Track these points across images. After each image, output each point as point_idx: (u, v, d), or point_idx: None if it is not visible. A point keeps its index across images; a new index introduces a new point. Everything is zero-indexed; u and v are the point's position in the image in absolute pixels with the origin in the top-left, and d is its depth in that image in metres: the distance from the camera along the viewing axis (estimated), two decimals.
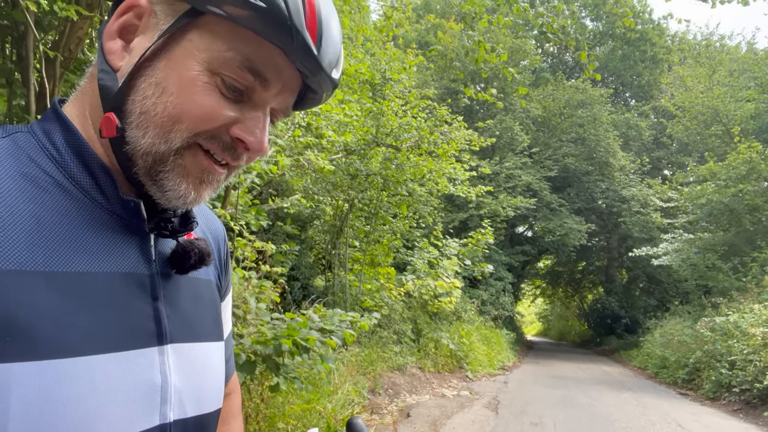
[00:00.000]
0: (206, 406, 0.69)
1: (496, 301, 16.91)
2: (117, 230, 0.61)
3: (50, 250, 0.54)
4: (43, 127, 0.62)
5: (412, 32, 20.88)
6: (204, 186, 0.63)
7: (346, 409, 5.59)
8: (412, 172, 9.00)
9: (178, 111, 0.59)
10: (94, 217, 0.60)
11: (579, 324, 30.36)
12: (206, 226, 0.81)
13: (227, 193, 4.55)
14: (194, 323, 0.69)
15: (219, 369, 0.74)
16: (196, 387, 0.67)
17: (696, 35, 27.99)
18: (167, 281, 0.66)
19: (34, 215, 0.55)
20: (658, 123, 25.57)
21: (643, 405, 8.42)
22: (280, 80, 0.62)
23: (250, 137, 0.62)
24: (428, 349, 9.90)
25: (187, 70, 0.59)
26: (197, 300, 0.72)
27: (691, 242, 15.35)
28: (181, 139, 0.59)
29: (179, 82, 0.59)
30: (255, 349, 3.33)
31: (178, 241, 0.68)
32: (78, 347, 0.53)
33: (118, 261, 0.60)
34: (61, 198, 0.58)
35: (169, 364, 0.63)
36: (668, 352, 12.74)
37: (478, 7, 5.70)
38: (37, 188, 0.56)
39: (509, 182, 19.22)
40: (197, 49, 0.59)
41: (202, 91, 0.59)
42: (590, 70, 6.22)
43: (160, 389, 0.61)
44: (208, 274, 0.76)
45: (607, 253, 25.51)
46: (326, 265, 9.59)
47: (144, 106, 0.59)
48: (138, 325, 0.60)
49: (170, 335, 0.64)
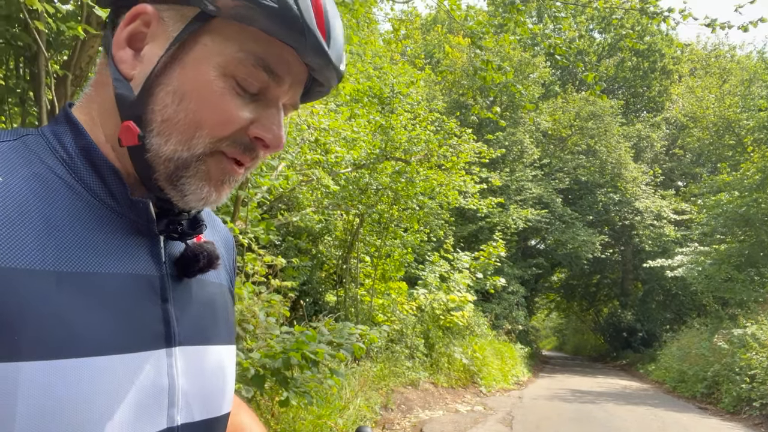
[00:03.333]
0: (215, 410, 0.68)
1: (509, 314, 16.75)
2: (127, 232, 0.61)
3: (60, 251, 0.54)
4: (54, 130, 0.62)
5: (420, 46, 21.04)
6: (224, 187, 0.65)
7: (357, 425, 5.53)
8: (422, 186, 9.00)
9: (198, 117, 0.60)
10: (103, 218, 0.60)
11: (594, 338, 29.96)
12: (215, 231, 0.81)
13: (237, 207, 4.57)
14: (204, 326, 0.69)
15: (229, 373, 0.73)
16: (205, 390, 0.67)
17: (706, 45, 27.91)
18: (177, 283, 0.66)
19: (44, 215, 0.55)
20: (670, 134, 25.42)
21: (661, 420, 8.25)
22: (290, 76, 0.63)
23: (269, 135, 0.63)
24: (441, 364, 9.80)
25: (202, 76, 0.59)
26: (208, 303, 0.71)
27: (707, 254, 15.14)
28: (204, 145, 0.60)
29: (196, 88, 0.59)
30: (264, 362, 3.32)
31: (187, 243, 0.68)
32: (86, 348, 0.53)
33: (127, 262, 0.60)
34: (71, 199, 0.58)
35: (177, 367, 0.62)
36: (686, 365, 12.51)
37: (486, 28, 5.76)
38: (47, 189, 0.56)
39: (520, 195, 19.14)
40: (211, 54, 0.60)
41: (219, 96, 0.60)
42: (597, 91, 6.31)
43: (167, 392, 0.61)
44: (219, 278, 0.76)
45: (622, 265, 25.22)
46: (337, 280, 9.58)
47: (165, 114, 0.60)
48: (147, 326, 0.60)
49: (179, 338, 0.63)
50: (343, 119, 7.82)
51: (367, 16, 6.55)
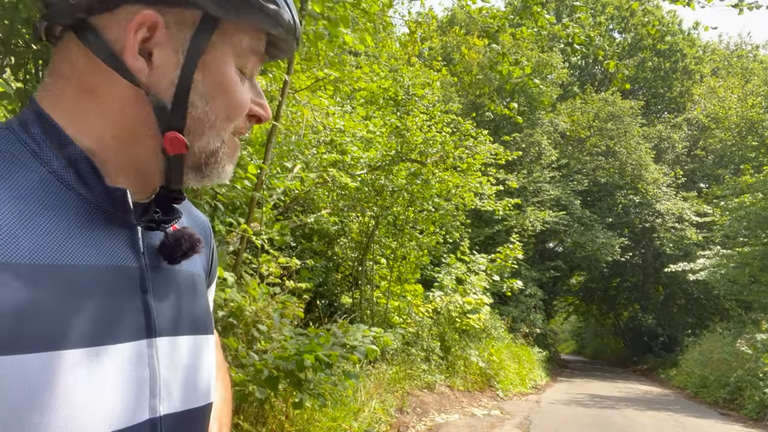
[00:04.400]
0: (197, 400, 0.69)
1: (527, 318, 16.59)
2: (103, 223, 0.61)
3: (35, 243, 0.54)
4: (21, 123, 0.62)
5: (438, 48, 20.99)
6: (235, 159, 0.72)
7: (372, 427, 5.50)
8: (438, 188, 8.96)
9: (227, 112, 0.66)
10: (79, 210, 0.59)
11: (614, 342, 29.56)
12: (191, 219, 0.81)
13: (252, 208, 4.59)
14: (184, 316, 0.69)
15: (210, 362, 0.73)
16: (187, 380, 0.67)
17: (728, 45, 27.42)
18: (156, 274, 0.66)
19: (18, 209, 0.54)
20: (692, 135, 25.01)
21: (683, 426, 8.09)
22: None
23: (262, 110, 0.71)
24: (457, 367, 9.73)
25: (223, 75, 0.65)
26: (187, 293, 0.71)
27: (730, 257, 14.85)
28: (228, 132, 0.68)
29: (221, 88, 0.65)
30: (277, 364, 3.31)
31: (166, 232, 0.68)
32: (64, 340, 0.52)
33: (105, 254, 0.60)
34: (45, 192, 0.57)
35: (158, 358, 0.62)
36: (708, 370, 12.27)
37: (501, 21, 5.69)
38: (19, 183, 0.56)
39: (537, 196, 18.96)
40: (224, 54, 0.65)
41: (238, 89, 0.67)
42: (620, 80, 6.12)
43: (149, 383, 0.61)
44: (196, 267, 0.76)
45: (642, 269, 24.84)
46: (353, 282, 9.57)
47: (195, 115, 0.64)
48: (126, 318, 0.60)
49: (159, 328, 0.63)
50: (358, 119, 7.82)
51: (383, 18, 6.55)
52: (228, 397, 0.93)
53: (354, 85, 6.27)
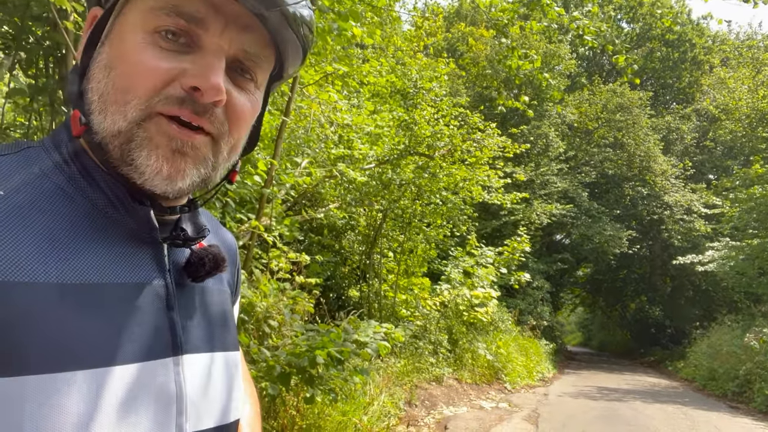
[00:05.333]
0: (224, 417, 0.68)
1: (534, 310, 16.58)
2: (129, 241, 0.61)
3: (63, 262, 0.54)
4: (54, 141, 0.63)
5: (443, 41, 20.85)
6: (179, 156, 0.59)
7: (382, 421, 5.53)
8: (446, 181, 8.94)
9: (124, 81, 0.58)
10: (106, 228, 0.60)
11: (621, 334, 29.50)
12: (218, 238, 0.81)
13: (262, 204, 4.60)
14: (210, 333, 0.69)
15: (236, 379, 0.73)
16: (213, 398, 0.67)
17: (738, 35, 27.11)
18: (182, 291, 0.66)
19: (46, 228, 0.55)
20: (701, 126, 24.79)
21: (691, 419, 8.08)
22: (219, 18, 0.59)
23: (201, 80, 0.58)
24: (465, 360, 9.75)
25: (125, 39, 0.59)
26: (212, 310, 0.71)
27: (739, 249, 14.76)
28: (138, 109, 0.57)
29: (120, 54, 0.59)
30: (289, 360, 3.33)
31: (192, 249, 0.68)
32: (92, 359, 0.53)
33: (131, 272, 0.60)
34: (73, 211, 0.58)
35: (184, 375, 0.62)
36: (716, 363, 12.23)
37: (510, 13, 5.64)
38: (48, 202, 0.57)
39: (544, 189, 18.88)
40: (131, 17, 0.59)
41: (137, 52, 0.58)
42: (629, 74, 6.07)
43: (175, 401, 0.60)
44: (222, 284, 0.76)
45: (650, 261, 24.74)
46: (360, 276, 9.59)
47: (99, 90, 0.59)
48: (153, 335, 0.60)
49: (185, 345, 0.63)
50: (366, 114, 7.79)
51: (389, 13, 6.51)
52: (258, 410, 0.92)
53: (363, 79, 6.24)
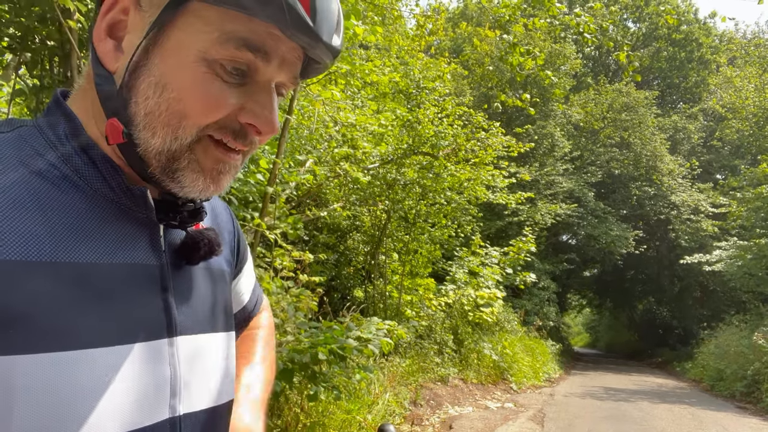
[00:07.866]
0: (217, 399, 0.68)
1: (540, 311, 16.53)
2: (125, 221, 0.60)
3: (57, 241, 0.53)
4: (49, 122, 0.61)
5: (447, 41, 20.84)
6: (222, 176, 0.62)
7: (386, 420, 5.52)
8: (450, 181, 8.92)
9: (182, 107, 0.57)
10: (101, 208, 0.59)
11: (629, 334, 29.37)
12: (214, 214, 0.80)
13: (265, 203, 4.60)
14: (204, 315, 0.68)
15: (230, 360, 0.73)
16: (206, 379, 0.66)
17: (745, 33, 26.96)
18: (177, 272, 0.65)
19: (41, 207, 0.54)
20: (708, 125, 24.67)
21: (698, 419, 8.03)
22: (278, 53, 0.59)
23: (260, 120, 0.60)
24: (470, 360, 9.73)
25: (183, 63, 0.56)
26: (208, 291, 0.70)
27: (747, 248, 14.67)
28: (191, 134, 0.58)
29: (178, 76, 0.56)
30: (292, 357, 3.33)
31: (188, 231, 0.67)
32: (85, 339, 0.52)
33: (126, 252, 0.59)
34: (67, 190, 0.57)
35: (179, 357, 0.62)
36: (724, 363, 12.14)
37: (513, 10, 5.63)
38: (42, 180, 0.56)
39: (550, 189, 18.82)
40: (189, 39, 0.56)
41: (202, 83, 0.56)
42: (630, 71, 6.05)
43: (169, 382, 0.60)
44: (220, 264, 0.75)
45: (657, 261, 24.61)
46: (365, 276, 9.58)
47: (148, 107, 0.57)
48: (147, 316, 0.59)
49: (180, 327, 0.63)
50: (370, 113, 7.79)
51: (391, 12, 6.51)
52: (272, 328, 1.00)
53: (366, 78, 6.24)
